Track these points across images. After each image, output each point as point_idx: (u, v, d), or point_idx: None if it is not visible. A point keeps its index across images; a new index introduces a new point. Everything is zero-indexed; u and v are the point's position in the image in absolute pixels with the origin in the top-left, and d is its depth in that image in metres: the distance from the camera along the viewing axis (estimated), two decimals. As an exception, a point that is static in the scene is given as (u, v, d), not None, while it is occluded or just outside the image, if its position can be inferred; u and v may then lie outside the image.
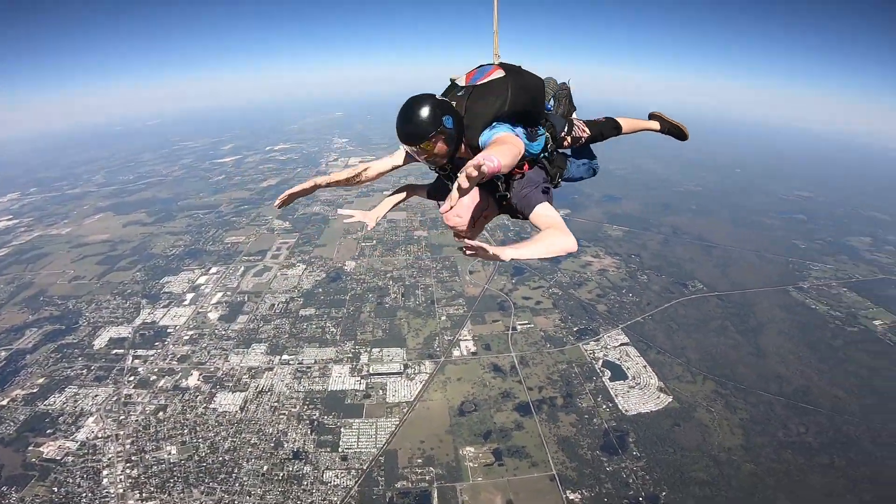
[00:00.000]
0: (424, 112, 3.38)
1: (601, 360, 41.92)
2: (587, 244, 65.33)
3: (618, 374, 40.50)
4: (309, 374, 40.06)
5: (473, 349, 42.98)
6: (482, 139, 3.60)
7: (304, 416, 35.83)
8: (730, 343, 45.46)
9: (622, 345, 44.11)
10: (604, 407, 36.99)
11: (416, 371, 40.16)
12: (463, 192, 2.34)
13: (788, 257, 66.34)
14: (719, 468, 32.01)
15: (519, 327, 46.17)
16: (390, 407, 36.53)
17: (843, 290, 57.15)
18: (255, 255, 62.52)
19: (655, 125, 6.08)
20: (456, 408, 36.49)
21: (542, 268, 57.58)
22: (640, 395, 38.23)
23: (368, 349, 42.94)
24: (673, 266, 60.43)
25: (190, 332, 46.29)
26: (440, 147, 3.49)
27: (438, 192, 4.94)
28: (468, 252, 2.58)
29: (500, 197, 3.97)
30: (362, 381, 39.19)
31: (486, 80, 3.99)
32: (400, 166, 4.31)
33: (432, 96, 3.49)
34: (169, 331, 46.65)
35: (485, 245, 2.56)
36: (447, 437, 33.86)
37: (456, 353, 42.46)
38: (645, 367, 41.33)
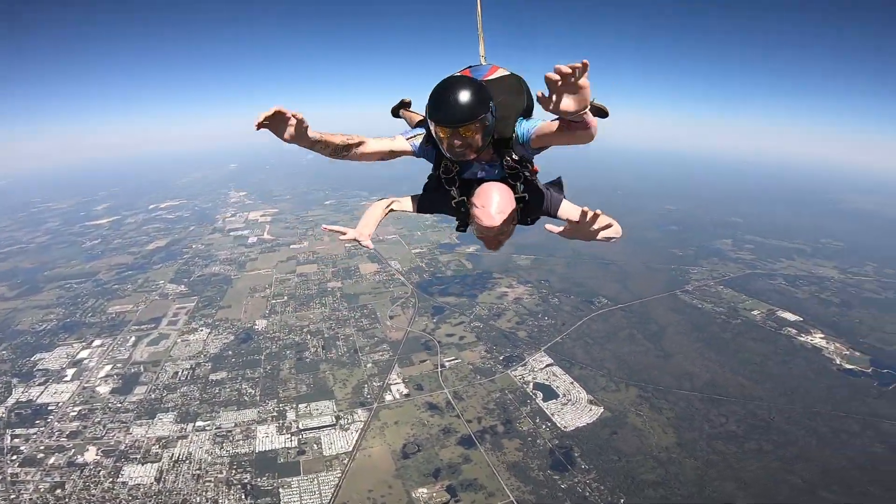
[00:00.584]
0: (476, 91, 3.31)
1: (531, 384, 43.21)
2: (500, 276, 68.02)
3: (549, 393, 41.91)
4: (231, 438, 36.79)
5: (406, 391, 42.27)
6: (520, 130, 3.62)
7: (235, 481, 32.76)
8: (640, 349, 49.42)
9: (548, 366, 45.89)
10: (543, 427, 37.97)
11: (350, 421, 38.67)
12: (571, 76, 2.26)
13: (670, 265, 74.65)
14: (664, 468, 34.00)
15: (447, 364, 46.27)
16: (329, 460, 34.64)
17: (721, 288, 65.57)
18: (148, 324, 55.99)
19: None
20: (399, 451, 35.46)
21: (460, 304, 58.87)
22: (574, 410, 39.83)
23: (294, 405, 40.66)
24: (579, 286, 64.79)
25: (77, 408, 40.66)
26: (477, 134, 3.40)
27: (429, 205, 4.45)
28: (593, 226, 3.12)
29: (520, 198, 3.92)
30: (293, 437, 36.91)
31: (495, 77, 4.16)
32: (396, 155, 3.88)
33: (474, 80, 3.45)
34: (50, 408, 40.70)
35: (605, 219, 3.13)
36: (396, 482, 32.65)
37: (388, 397, 41.52)
38: (572, 383, 43.28)
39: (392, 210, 4.61)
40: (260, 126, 2.79)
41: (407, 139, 3.88)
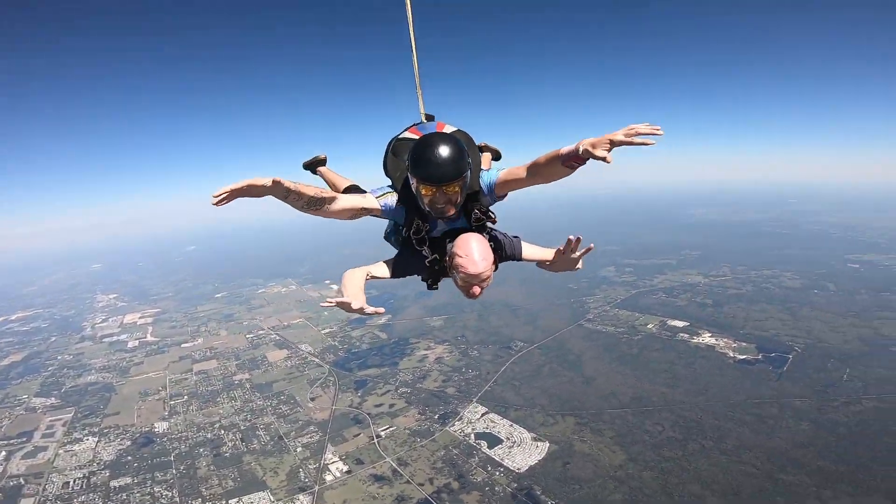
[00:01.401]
0: (458, 149, 3.46)
1: (472, 435, 42.12)
2: (417, 340, 67.07)
3: (493, 440, 41.05)
4: None
5: (346, 468, 39.12)
6: (485, 180, 3.83)
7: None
8: (564, 380, 51.02)
9: (484, 414, 45.27)
10: (497, 473, 36.83)
11: None
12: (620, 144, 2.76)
13: (570, 299, 79.86)
14: (626, 484, 34.30)
15: (383, 433, 43.69)
16: None
17: (616, 310, 71.39)
18: (17, 438, 47.83)
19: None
20: None
21: (383, 374, 56.69)
22: (522, 450, 39.30)
23: (223, 502, 36.37)
24: (494, 335, 66.17)
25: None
26: (459, 190, 3.56)
27: (404, 268, 4.28)
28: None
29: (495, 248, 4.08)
30: None
31: (445, 132, 4.18)
32: (365, 213, 3.84)
33: (453, 136, 3.58)
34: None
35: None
36: None
37: (328, 477, 38.16)
38: (512, 425, 42.96)
39: (371, 277, 4.26)
40: (219, 203, 2.89)
41: (376, 198, 3.89)
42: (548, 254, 4.31)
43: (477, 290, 3.74)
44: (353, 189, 5.14)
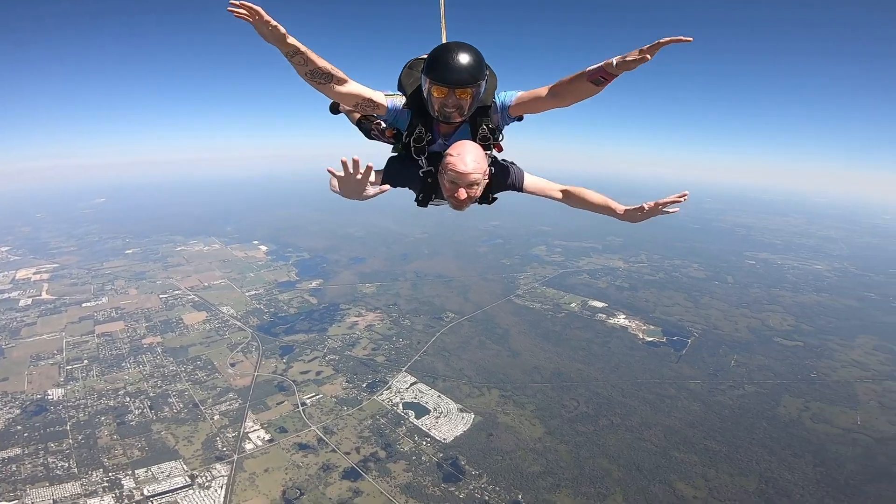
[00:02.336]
0: (478, 56, 3.52)
1: (400, 404, 42.59)
2: (348, 306, 66.12)
3: (420, 410, 41.75)
4: None
5: (268, 437, 37.88)
6: (500, 98, 3.91)
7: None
8: (491, 353, 52.76)
9: (412, 384, 45.78)
10: (424, 443, 37.59)
11: (210, 478, 33.57)
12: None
13: (502, 274, 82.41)
14: (544, 457, 36.23)
15: (308, 401, 42.83)
16: None
17: (544, 288, 74.62)
18: None
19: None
20: (279, 499, 31.79)
21: (310, 340, 55.34)
22: (448, 421, 40.31)
23: (130, 472, 34.01)
24: (426, 305, 66.72)
25: None
26: (471, 97, 3.61)
27: (395, 177, 4.23)
28: None
29: (490, 167, 4.14)
30: None
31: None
32: (370, 107, 3.81)
33: (474, 47, 3.61)
34: None
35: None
36: None
37: (249, 446, 36.85)
38: (439, 396, 43.87)
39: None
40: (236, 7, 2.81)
41: (386, 96, 3.85)
42: (554, 189, 4.35)
43: (463, 193, 3.76)
44: (368, 118, 5.15)
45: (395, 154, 4.41)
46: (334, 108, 5.84)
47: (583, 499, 32.35)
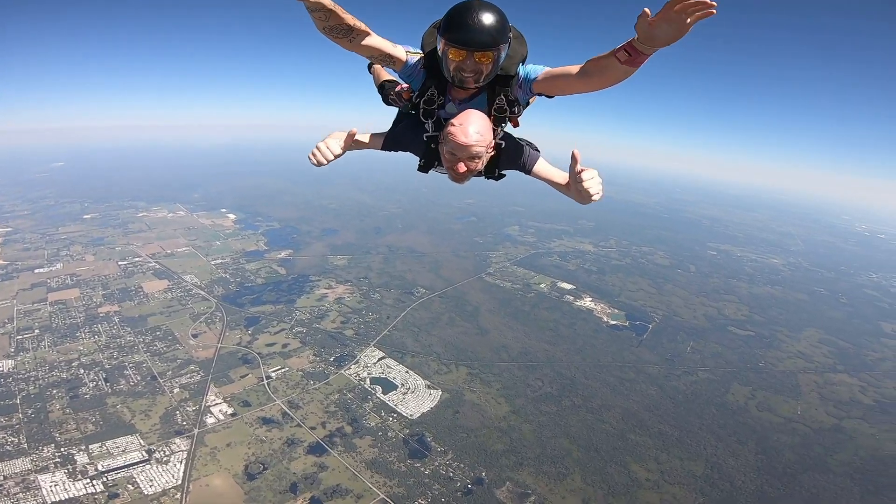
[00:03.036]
0: (501, 19, 3.23)
1: (368, 379, 42.62)
2: (318, 277, 65.32)
3: (388, 386, 41.94)
4: (5, 493, 29.19)
5: (230, 410, 37.29)
6: (525, 70, 3.64)
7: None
8: (461, 330, 53.27)
9: (380, 359, 45.83)
10: (391, 419, 37.84)
11: (168, 452, 32.86)
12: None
13: (474, 251, 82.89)
14: (508, 435, 37.05)
15: (274, 375, 42.27)
16: (155, 498, 29.24)
17: (515, 268, 75.54)
18: None
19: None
20: (241, 474, 31.50)
21: (277, 312, 54.47)
22: (415, 397, 40.66)
23: (83, 447, 32.91)
24: (397, 279, 66.57)
25: None
26: (490, 63, 3.36)
27: (397, 141, 4.25)
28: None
29: (497, 143, 3.87)
30: (94, 482, 30.31)
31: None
32: (389, 61, 3.69)
33: (498, 8, 3.32)
34: None
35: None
36: None
37: (210, 420, 36.14)
38: (407, 371, 44.10)
39: (355, 142, 4.02)
40: None
41: (407, 52, 3.70)
42: (563, 177, 3.98)
43: (462, 166, 3.56)
44: (391, 81, 5.05)
45: (404, 113, 4.31)
46: (370, 67, 5.64)
47: (544, 478, 33.41)
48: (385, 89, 4.87)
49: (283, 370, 43.14)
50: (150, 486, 30.18)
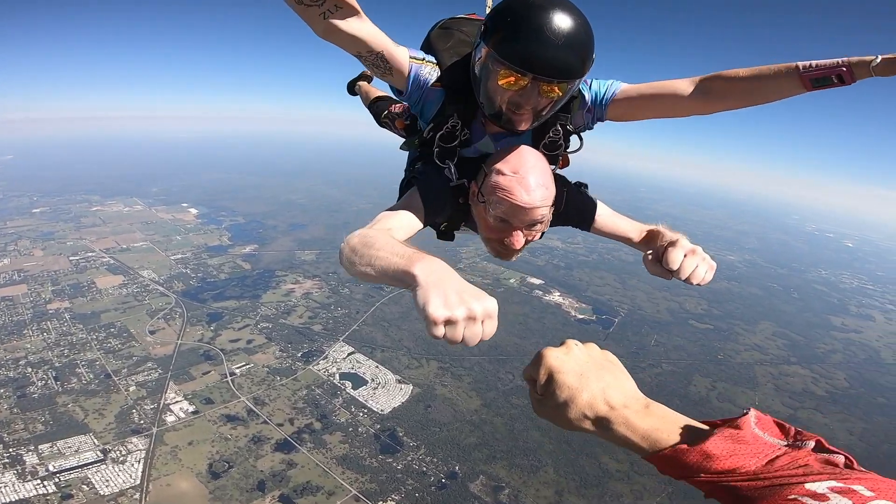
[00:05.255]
0: (590, 28, 2.02)
1: (337, 375, 41.83)
2: (284, 273, 63.78)
3: (357, 381, 41.27)
4: None
5: (192, 408, 35.92)
6: (597, 89, 2.47)
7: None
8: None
9: (350, 354, 45.13)
10: (361, 414, 37.25)
11: (125, 452, 31.46)
12: None
13: (444, 247, 79.16)
14: (480, 429, 36.95)
15: (238, 371, 41.00)
16: (112, 499, 28.06)
17: (485, 263, 75.71)
18: None
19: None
20: (205, 472, 30.33)
21: (241, 307, 52.89)
22: (386, 392, 40.15)
23: (32, 447, 31.23)
24: (367, 275, 65.87)
25: None
26: (560, 96, 2.14)
27: (430, 207, 2.44)
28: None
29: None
30: (45, 483, 28.85)
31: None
32: (381, 63, 2.20)
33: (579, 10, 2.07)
34: None
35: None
36: None
37: (170, 418, 34.71)
38: (378, 367, 43.54)
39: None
40: None
41: (412, 58, 2.32)
42: (632, 230, 2.84)
43: (519, 238, 2.32)
44: (384, 98, 3.69)
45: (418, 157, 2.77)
46: (351, 88, 4.31)
47: (517, 470, 33.56)
48: (377, 107, 3.64)
49: (247, 366, 41.84)
50: (106, 487, 28.85)
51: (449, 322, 1.33)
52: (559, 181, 2.60)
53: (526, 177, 2.18)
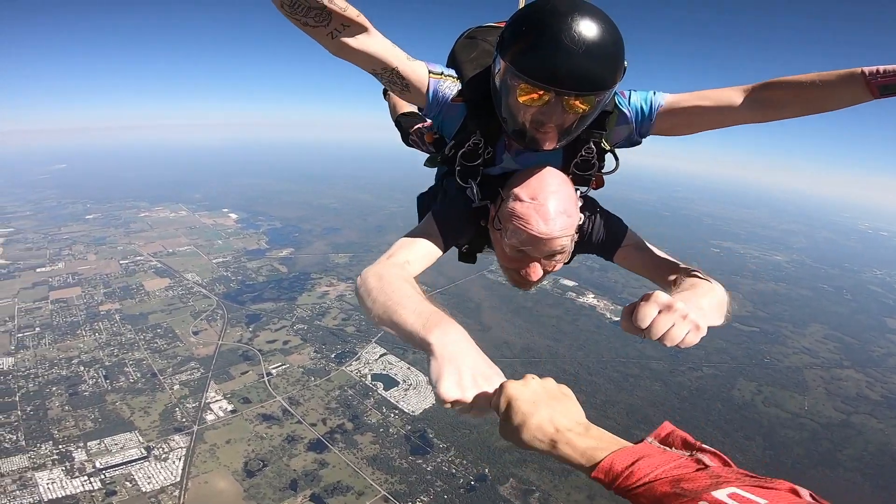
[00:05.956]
0: (619, 36, 1.81)
1: (369, 376, 42.31)
2: (319, 275, 65.16)
3: (389, 382, 41.59)
4: (2, 490, 29.05)
5: (230, 407, 37.07)
6: (634, 101, 2.22)
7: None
8: (462, 326, 52.60)
9: (382, 356, 45.50)
10: (392, 415, 37.49)
11: (167, 449, 32.58)
12: None
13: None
14: None
15: (274, 371, 42.10)
16: (153, 496, 28.99)
17: (516, 267, 75.44)
18: None
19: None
20: (241, 470, 31.19)
21: (278, 309, 54.29)
22: (417, 393, 40.23)
23: (81, 444, 32.65)
24: (399, 278, 66.49)
25: None
26: (590, 111, 1.92)
27: (448, 230, 2.36)
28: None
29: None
30: (91, 479, 29.99)
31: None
32: (396, 81, 2.06)
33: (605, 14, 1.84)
34: None
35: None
36: None
37: (210, 417, 35.91)
38: (409, 368, 43.69)
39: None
40: None
41: (431, 73, 2.14)
42: (663, 268, 2.42)
43: (536, 270, 2.16)
44: (413, 114, 3.37)
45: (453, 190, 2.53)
46: (385, 93, 3.70)
47: (548, 473, 32.91)
48: (402, 125, 3.37)
49: (283, 367, 42.93)
50: (148, 484, 29.97)
51: (458, 402, 1.37)
52: (589, 205, 2.45)
53: (545, 204, 2.02)
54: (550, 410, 1.33)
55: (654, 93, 2.23)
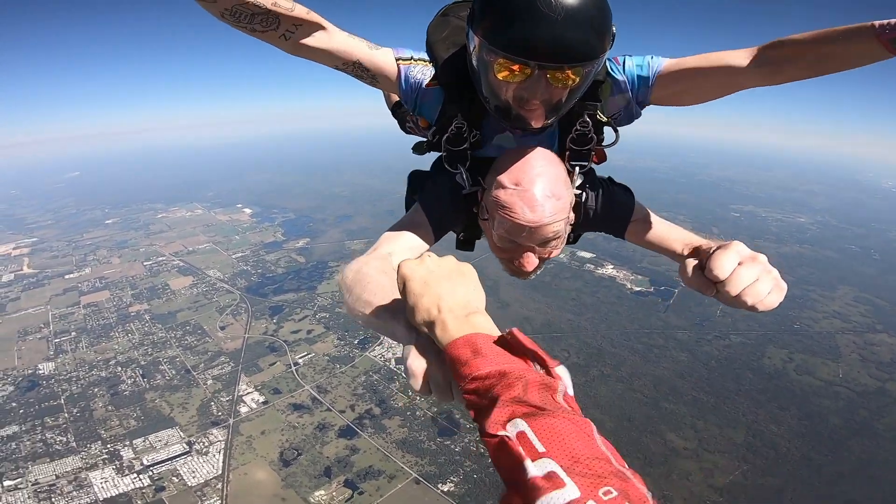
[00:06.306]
0: (603, 8, 1.62)
1: (392, 360, 42.63)
2: (336, 263, 65.45)
3: (413, 365, 41.94)
4: (59, 491, 30.14)
5: (262, 399, 38.05)
6: (637, 66, 2.03)
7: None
8: (482, 303, 53.12)
9: (406, 339, 45.92)
10: (418, 399, 37.63)
11: (207, 443, 33.69)
12: None
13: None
14: None
15: (300, 361, 42.89)
16: (199, 489, 30.02)
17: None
18: None
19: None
20: (277, 461, 32.03)
21: (300, 299, 54.95)
22: (441, 375, 40.65)
23: (128, 442, 33.98)
24: (416, 260, 66.78)
25: None
26: (578, 83, 1.73)
27: (442, 221, 2.24)
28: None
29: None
30: (141, 476, 31.19)
31: None
32: (364, 74, 2.00)
33: None
34: None
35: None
36: (289, 493, 29.69)
37: (243, 409, 36.92)
38: (432, 350, 44.05)
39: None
40: None
41: (397, 59, 2.02)
42: (677, 241, 2.17)
43: (530, 259, 1.98)
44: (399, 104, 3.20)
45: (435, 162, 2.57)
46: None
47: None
48: (399, 113, 3.30)
49: (309, 356, 43.68)
50: (193, 478, 30.99)
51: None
52: (591, 181, 2.29)
53: (529, 189, 1.83)
54: (439, 290, 1.17)
55: (652, 57, 2.04)
